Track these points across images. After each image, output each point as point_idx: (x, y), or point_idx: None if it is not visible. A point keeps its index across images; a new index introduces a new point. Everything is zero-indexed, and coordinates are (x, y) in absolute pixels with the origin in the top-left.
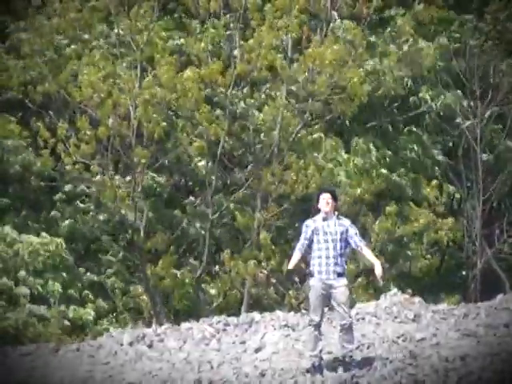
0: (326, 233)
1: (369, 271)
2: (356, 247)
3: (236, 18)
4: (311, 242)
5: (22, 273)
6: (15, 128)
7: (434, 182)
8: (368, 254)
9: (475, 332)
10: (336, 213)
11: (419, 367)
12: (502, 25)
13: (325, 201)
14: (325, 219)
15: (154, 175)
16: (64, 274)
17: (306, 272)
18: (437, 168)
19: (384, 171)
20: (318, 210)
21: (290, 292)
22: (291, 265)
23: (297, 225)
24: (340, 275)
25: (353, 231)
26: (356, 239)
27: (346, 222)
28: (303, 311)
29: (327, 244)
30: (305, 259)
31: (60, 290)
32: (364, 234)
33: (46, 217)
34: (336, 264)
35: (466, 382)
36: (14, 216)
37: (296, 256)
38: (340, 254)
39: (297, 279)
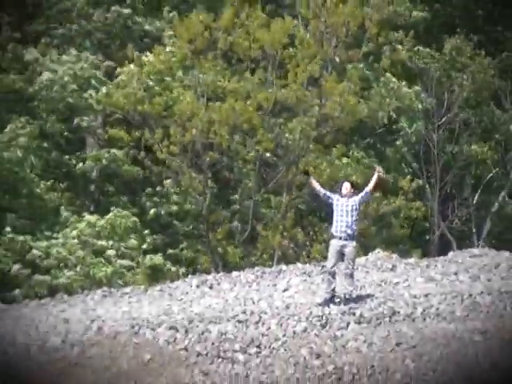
0: (342, 205)
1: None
2: (367, 193)
3: (272, 63)
4: (328, 200)
5: (110, 240)
6: (124, 136)
7: (408, 177)
8: (372, 183)
9: (434, 278)
10: (351, 193)
11: (396, 302)
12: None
13: (344, 187)
14: (343, 197)
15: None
16: (138, 236)
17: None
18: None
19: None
20: (341, 193)
21: (304, 253)
22: (314, 183)
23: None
24: (351, 237)
25: (359, 195)
26: (362, 193)
27: (356, 197)
28: (315, 263)
29: (342, 213)
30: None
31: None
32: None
33: (139, 201)
34: (347, 227)
35: (427, 313)
36: (118, 199)
37: (319, 186)
38: (351, 221)
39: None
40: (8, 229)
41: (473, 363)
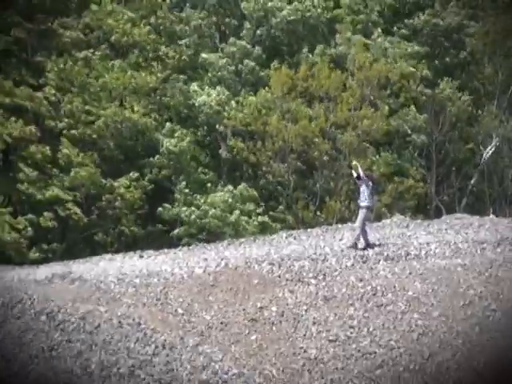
0: (360, 188)
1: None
2: (364, 178)
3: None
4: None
5: (238, 203)
6: (239, 144)
7: (414, 168)
8: (361, 172)
9: (432, 232)
10: (361, 182)
11: (408, 247)
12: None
13: (358, 180)
14: (360, 184)
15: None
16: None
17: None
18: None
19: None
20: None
21: (354, 216)
22: (354, 174)
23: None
24: (366, 207)
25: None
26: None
27: (365, 184)
28: None
29: (360, 192)
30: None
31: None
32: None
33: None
34: (363, 201)
35: (428, 253)
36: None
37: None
38: (365, 196)
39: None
40: (185, 188)
41: (456, 285)
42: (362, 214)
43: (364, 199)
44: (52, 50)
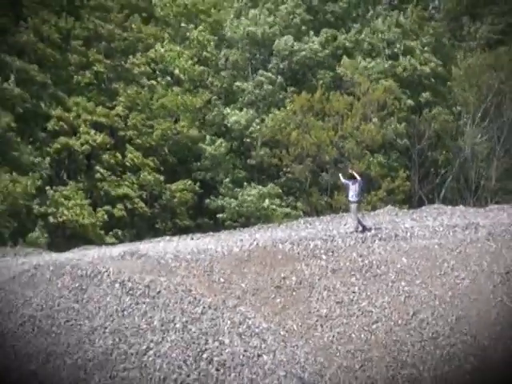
0: (351, 186)
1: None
2: (358, 180)
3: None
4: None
5: (267, 198)
6: (267, 152)
7: (402, 170)
8: (357, 175)
9: (415, 218)
10: (356, 180)
11: (397, 230)
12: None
13: (350, 179)
14: (351, 183)
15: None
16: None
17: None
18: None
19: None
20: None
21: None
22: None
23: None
24: (355, 202)
25: (358, 182)
26: (359, 181)
27: (357, 183)
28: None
29: (351, 189)
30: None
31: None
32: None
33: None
34: (353, 197)
35: (411, 235)
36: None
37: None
38: (355, 193)
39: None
40: (229, 183)
41: (433, 259)
42: (352, 207)
43: (351, 196)
44: (123, 79)
